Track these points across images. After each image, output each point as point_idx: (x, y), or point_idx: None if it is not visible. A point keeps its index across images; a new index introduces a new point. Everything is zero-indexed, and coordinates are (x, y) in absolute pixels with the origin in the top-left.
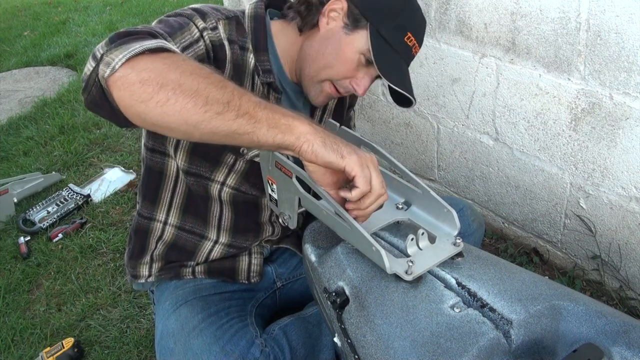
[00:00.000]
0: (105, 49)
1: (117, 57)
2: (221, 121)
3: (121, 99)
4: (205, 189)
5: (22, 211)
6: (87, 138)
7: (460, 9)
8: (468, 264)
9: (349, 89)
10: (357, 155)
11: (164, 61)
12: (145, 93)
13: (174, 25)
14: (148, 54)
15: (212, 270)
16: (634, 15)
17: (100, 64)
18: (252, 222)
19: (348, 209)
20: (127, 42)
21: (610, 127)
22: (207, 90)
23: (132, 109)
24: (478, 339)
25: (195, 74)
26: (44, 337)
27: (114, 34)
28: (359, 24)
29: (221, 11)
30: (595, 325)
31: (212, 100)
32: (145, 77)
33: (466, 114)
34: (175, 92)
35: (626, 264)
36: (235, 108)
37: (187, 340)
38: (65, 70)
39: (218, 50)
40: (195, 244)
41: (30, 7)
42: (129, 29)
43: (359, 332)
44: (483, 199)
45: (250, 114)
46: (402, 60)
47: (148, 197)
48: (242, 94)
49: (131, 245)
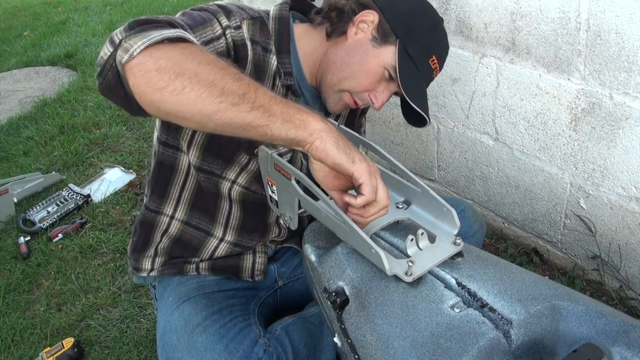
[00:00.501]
0: (124, 34)
1: (135, 44)
2: (236, 113)
3: (137, 86)
4: (216, 186)
5: (22, 211)
6: (87, 138)
7: (460, 9)
8: (468, 264)
9: (367, 102)
10: (367, 163)
11: (182, 51)
12: (162, 81)
13: (197, 18)
14: (167, 42)
15: (216, 267)
16: (634, 15)
17: (119, 50)
18: (259, 223)
19: (350, 213)
20: (146, 30)
21: (610, 127)
22: (223, 81)
23: (147, 97)
24: (478, 339)
25: (212, 64)
26: (44, 337)
27: (133, 21)
28: (388, 40)
29: (246, 11)
30: (595, 325)
31: (228, 91)
32: (162, 65)
33: (466, 114)
34: (191, 81)
35: (626, 264)
36: (251, 100)
37: (190, 337)
38: (65, 70)
39: (240, 50)
40: (201, 241)
41: (30, 7)
42: (150, 17)
43: (359, 332)
44: (483, 199)
45: (265, 107)
46: (423, 80)
47: (157, 191)
48: (257, 87)
49: (135, 237)
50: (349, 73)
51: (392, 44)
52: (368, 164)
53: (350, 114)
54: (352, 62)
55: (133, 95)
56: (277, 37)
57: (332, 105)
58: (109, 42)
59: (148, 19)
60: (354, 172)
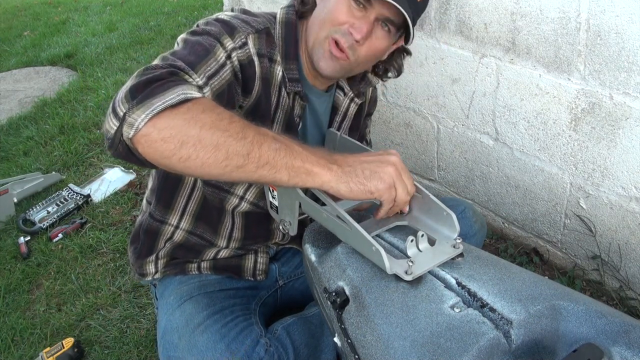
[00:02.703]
0: (127, 106)
1: (139, 117)
2: (242, 174)
3: (146, 154)
4: (221, 201)
5: (22, 211)
6: (87, 138)
7: (460, 9)
8: (468, 264)
9: (347, 36)
10: (381, 181)
11: (184, 117)
12: (168, 150)
13: (199, 51)
14: (169, 109)
15: (218, 266)
16: (634, 15)
17: (124, 125)
18: (263, 230)
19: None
20: (148, 97)
21: (610, 127)
22: (226, 143)
23: (157, 162)
24: (478, 339)
25: (215, 127)
26: (44, 337)
27: (133, 86)
28: None
29: (251, 23)
30: (595, 325)
31: (232, 153)
32: (166, 135)
33: (466, 114)
34: (196, 149)
35: (626, 264)
36: (255, 159)
37: (191, 336)
38: (65, 70)
39: (247, 69)
40: (204, 247)
41: (30, 7)
42: (148, 72)
43: (359, 332)
44: (483, 199)
45: (271, 163)
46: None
47: (162, 202)
48: (262, 141)
49: (139, 244)
50: (320, 21)
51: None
52: (382, 179)
53: (357, 115)
54: (320, 10)
55: (146, 160)
56: (284, 43)
57: (319, 62)
58: (113, 115)
59: (148, 78)
60: (375, 199)
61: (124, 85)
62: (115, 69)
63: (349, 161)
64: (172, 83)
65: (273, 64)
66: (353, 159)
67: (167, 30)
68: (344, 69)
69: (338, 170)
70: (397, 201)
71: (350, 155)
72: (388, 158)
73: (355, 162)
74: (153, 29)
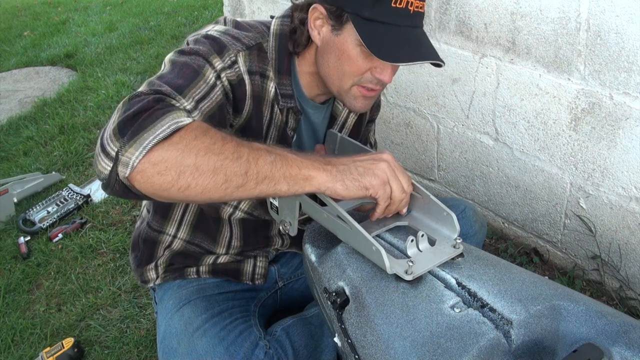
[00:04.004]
0: (118, 145)
1: (133, 156)
2: (243, 192)
3: (144, 190)
4: (217, 211)
5: (22, 211)
6: (87, 138)
7: (460, 9)
8: (468, 264)
9: (375, 82)
10: (375, 177)
11: (177, 147)
12: (166, 182)
13: (187, 74)
14: (162, 142)
15: (217, 270)
16: (634, 15)
17: (119, 165)
18: (262, 237)
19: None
20: (138, 132)
21: (610, 127)
22: (224, 166)
23: (156, 196)
24: (478, 339)
25: (210, 151)
26: (44, 337)
27: (121, 121)
28: (343, 19)
29: (242, 40)
30: (595, 325)
31: (231, 174)
32: (162, 169)
33: (466, 114)
34: (194, 177)
35: (626, 264)
36: (254, 176)
37: (190, 340)
38: (65, 70)
39: (237, 89)
40: (203, 254)
41: (30, 7)
42: (133, 102)
43: (359, 332)
44: (483, 199)
45: (269, 177)
46: (404, 28)
47: (159, 212)
48: (257, 157)
49: (139, 253)
50: (338, 72)
51: (348, 21)
52: (375, 175)
53: (357, 123)
54: (332, 62)
55: (144, 195)
56: (277, 56)
57: (353, 106)
58: (104, 155)
59: (134, 111)
60: (370, 196)
61: (110, 120)
62: (115, 69)
63: (342, 161)
64: (159, 112)
65: (265, 80)
66: (346, 159)
67: (167, 30)
68: (375, 97)
69: (332, 170)
70: (392, 199)
71: (343, 157)
72: (381, 156)
73: (348, 162)
74: (153, 29)
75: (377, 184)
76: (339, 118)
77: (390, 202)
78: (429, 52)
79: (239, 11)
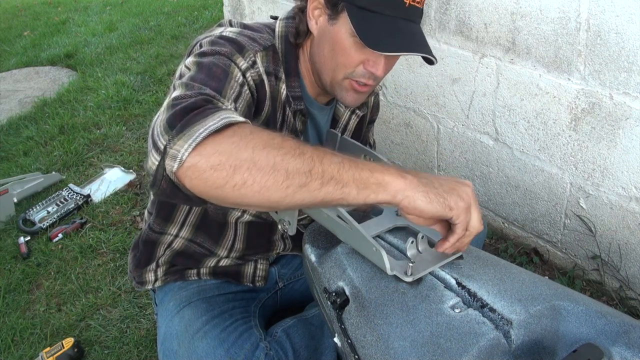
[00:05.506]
0: (167, 138)
1: (182, 148)
2: (306, 193)
3: (194, 188)
4: (224, 216)
5: (22, 211)
6: (87, 138)
7: (460, 9)
8: (468, 264)
9: (367, 75)
10: (460, 199)
11: (231, 140)
12: (220, 179)
13: (217, 73)
14: (214, 135)
15: (217, 272)
16: (634, 15)
17: (166, 158)
18: (264, 241)
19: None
20: (188, 125)
21: (610, 127)
22: (284, 162)
23: (207, 195)
24: (478, 339)
25: (268, 146)
26: (44, 337)
27: (170, 115)
28: (338, 8)
29: (258, 40)
30: (595, 326)
31: (293, 172)
32: (216, 162)
33: (466, 114)
34: (251, 172)
35: (626, 264)
36: (319, 175)
37: (191, 342)
38: (65, 70)
39: (259, 89)
40: (204, 255)
41: (30, 7)
42: (180, 101)
43: (359, 332)
44: (483, 199)
45: (336, 178)
46: (399, 20)
47: (162, 215)
48: (322, 156)
49: (138, 254)
50: (332, 63)
51: (344, 10)
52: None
53: (359, 125)
54: (326, 52)
55: (194, 195)
56: (285, 59)
57: (344, 99)
58: (154, 149)
59: (183, 107)
60: (452, 218)
61: (158, 119)
62: (115, 69)
63: (421, 174)
64: (209, 110)
65: (278, 82)
66: (425, 174)
67: (167, 30)
68: (368, 93)
69: (413, 179)
70: (469, 229)
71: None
72: (463, 181)
73: (429, 176)
74: (153, 29)
75: (462, 207)
76: (341, 120)
77: (465, 233)
78: (420, 45)
79: (239, 11)
